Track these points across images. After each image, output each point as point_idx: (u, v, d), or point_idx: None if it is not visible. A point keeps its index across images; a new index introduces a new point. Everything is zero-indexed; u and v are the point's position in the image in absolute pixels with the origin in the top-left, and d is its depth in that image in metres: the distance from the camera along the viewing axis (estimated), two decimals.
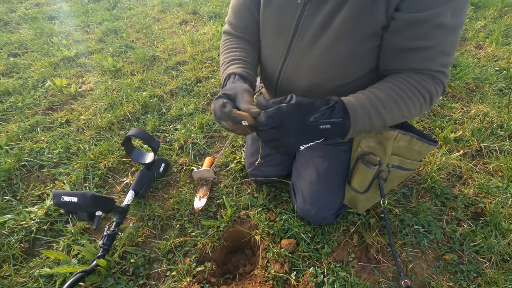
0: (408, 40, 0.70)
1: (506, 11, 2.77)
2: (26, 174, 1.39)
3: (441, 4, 0.64)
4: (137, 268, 1.05)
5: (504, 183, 1.32)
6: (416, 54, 0.72)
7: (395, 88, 0.74)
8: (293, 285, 1.00)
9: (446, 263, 1.08)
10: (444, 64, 0.73)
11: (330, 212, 1.09)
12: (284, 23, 0.84)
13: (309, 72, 0.85)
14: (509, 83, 1.90)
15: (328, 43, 0.78)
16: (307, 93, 0.89)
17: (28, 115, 1.71)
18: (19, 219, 1.18)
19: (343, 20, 0.73)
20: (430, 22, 0.66)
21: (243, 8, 0.95)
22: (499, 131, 1.56)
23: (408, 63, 0.74)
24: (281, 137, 0.71)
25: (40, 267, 1.04)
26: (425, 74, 0.74)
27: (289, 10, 0.82)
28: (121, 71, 2.07)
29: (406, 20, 0.68)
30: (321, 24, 0.77)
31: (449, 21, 0.66)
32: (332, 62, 0.81)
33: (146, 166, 1.31)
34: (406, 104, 0.74)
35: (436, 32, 0.67)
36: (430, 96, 0.75)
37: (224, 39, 1.02)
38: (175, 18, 2.83)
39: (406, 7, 0.66)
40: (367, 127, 0.75)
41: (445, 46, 0.70)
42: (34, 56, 2.23)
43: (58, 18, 2.83)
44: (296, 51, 0.85)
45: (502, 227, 1.15)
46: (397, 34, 0.71)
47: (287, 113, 0.68)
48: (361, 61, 0.81)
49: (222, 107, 0.73)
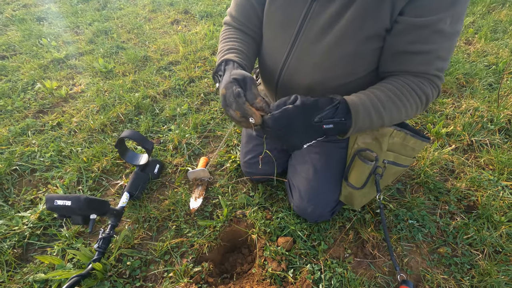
0: (408, 43, 0.73)
1: (494, 7, 2.81)
2: (18, 178, 1.37)
3: (442, 11, 0.67)
4: (133, 271, 1.05)
5: (495, 176, 1.34)
6: (415, 58, 0.74)
7: (394, 89, 0.76)
8: (291, 282, 1.00)
9: (440, 256, 1.10)
10: (440, 68, 0.76)
11: (326, 209, 1.09)
12: (289, 20, 0.84)
13: (312, 70, 0.86)
14: (498, 78, 1.93)
15: (333, 41, 0.79)
16: (309, 91, 0.90)
17: (18, 118, 1.68)
18: (12, 225, 1.16)
19: (350, 20, 0.74)
20: (430, 27, 0.69)
21: (245, 2, 0.95)
22: (490, 125, 1.59)
23: (406, 66, 0.77)
24: (287, 137, 0.74)
25: (35, 272, 1.03)
26: (422, 77, 0.77)
27: (295, 7, 0.82)
28: (112, 72, 2.05)
29: (409, 24, 0.70)
30: (327, 22, 0.78)
31: (448, 27, 0.69)
32: (335, 60, 0.82)
33: (141, 167, 1.30)
34: (404, 105, 0.76)
35: (435, 37, 0.70)
36: (427, 98, 0.78)
37: (224, 29, 1.02)
38: (166, 17, 2.80)
39: (409, 11, 0.69)
40: (367, 126, 0.77)
41: (442, 51, 0.73)
42: (22, 58, 2.19)
43: (47, 19, 2.78)
44: (300, 48, 0.85)
45: (494, 219, 1.17)
46: (398, 36, 0.74)
47: (294, 115, 0.71)
48: (364, 61, 0.82)
49: (236, 96, 0.71)
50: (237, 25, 0.98)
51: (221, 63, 0.86)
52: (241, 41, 0.95)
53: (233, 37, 0.95)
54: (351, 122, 0.74)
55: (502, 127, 1.59)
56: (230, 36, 0.96)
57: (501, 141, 1.52)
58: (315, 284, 0.99)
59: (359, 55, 0.80)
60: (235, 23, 0.99)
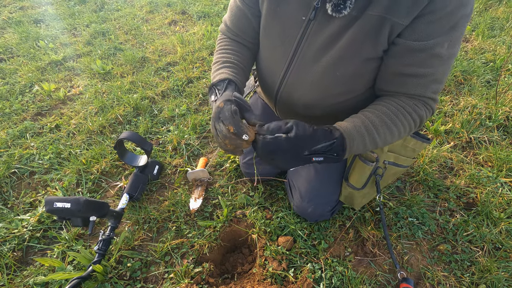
0: (405, 65, 0.72)
1: (491, 4, 2.82)
2: (17, 181, 1.36)
3: (440, 36, 0.66)
4: (134, 272, 1.04)
5: (494, 173, 1.35)
6: (411, 80, 0.74)
7: (389, 113, 0.75)
8: (292, 282, 1.00)
9: (441, 253, 1.10)
10: (435, 91, 0.76)
11: (326, 209, 1.09)
12: (287, 37, 0.83)
13: (311, 88, 0.85)
14: (496, 75, 1.94)
15: (331, 62, 0.78)
16: (307, 107, 0.89)
17: (16, 121, 1.67)
18: (11, 228, 1.15)
19: (348, 42, 0.73)
20: (427, 51, 0.68)
21: (239, 14, 0.93)
22: (488, 122, 1.60)
23: (402, 88, 0.76)
24: (274, 161, 0.72)
25: (35, 275, 1.02)
26: (417, 100, 0.77)
27: (292, 25, 0.80)
28: (110, 74, 2.04)
29: (406, 47, 0.70)
30: (325, 43, 0.77)
31: (445, 51, 0.69)
32: (334, 80, 0.81)
33: (140, 169, 1.29)
34: (398, 129, 0.76)
35: (432, 61, 0.70)
36: (421, 120, 0.78)
37: (220, 38, 1.01)
38: (164, 18, 2.80)
39: (408, 34, 0.68)
40: (360, 151, 0.76)
41: (438, 75, 0.73)
42: (20, 61, 2.18)
43: (44, 21, 2.77)
44: (298, 66, 0.84)
45: (493, 216, 1.18)
46: (395, 58, 0.73)
47: (283, 145, 0.68)
48: (363, 80, 0.82)
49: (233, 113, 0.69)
50: (232, 35, 0.97)
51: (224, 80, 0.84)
52: (237, 53, 0.94)
53: (229, 49, 0.94)
54: (345, 153, 0.73)
55: (500, 124, 1.59)
56: (227, 48, 0.95)
57: (499, 138, 1.52)
58: (316, 283, 0.99)
59: (358, 75, 0.80)
60: (230, 34, 0.97)
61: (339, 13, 0.69)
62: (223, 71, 0.87)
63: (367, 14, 0.68)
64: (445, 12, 0.64)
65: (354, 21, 0.70)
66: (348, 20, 0.71)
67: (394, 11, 0.66)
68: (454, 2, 0.63)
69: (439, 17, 0.64)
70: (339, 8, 0.69)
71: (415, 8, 0.64)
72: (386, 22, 0.67)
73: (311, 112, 0.91)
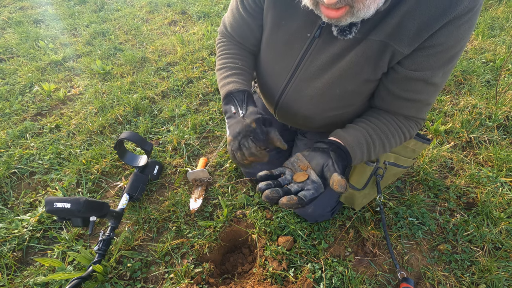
0: (402, 90, 0.76)
1: (490, 4, 2.82)
2: (17, 181, 1.36)
3: (437, 68, 0.70)
4: (134, 272, 1.04)
5: (494, 173, 1.35)
6: (408, 104, 0.79)
7: (388, 135, 0.80)
8: (292, 282, 1.00)
9: (441, 253, 1.10)
10: (426, 111, 0.83)
11: (327, 209, 1.10)
12: (290, 52, 0.83)
13: (310, 102, 0.86)
14: (495, 75, 1.94)
15: (331, 80, 0.79)
16: (307, 118, 0.91)
17: (16, 121, 1.67)
18: (11, 228, 1.15)
19: (349, 63, 0.75)
20: (425, 81, 0.72)
21: (241, 22, 0.91)
22: (488, 122, 1.60)
23: (398, 109, 0.81)
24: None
25: (35, 275, 1.02)
26: (412, 121, 0.83)
27: (296, 40, 0.81)
28: (110, 74, 2.04)
29: (405, 75, 0.73)
30: (327, 62, 0.78)
31: (439, 80, 0.74)
32: (333, 96, 0.83)
33: (140, 169, 1.29)
34: (390, 145, 0.82)
35: (428, 88, 0.75)
36: (410, 136, 0.85)
37: (220, 40, 1.00)
38: (163, 18, 2.80)
39: (408, 64, 0.71)
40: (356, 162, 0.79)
41: (431, 99, 0.79)
42: (20, 61, 2.18)
43: (44, 21, 2.77)
44: (299, 80, 0.85)
45: (494, 216, 1.18)
46: (393, 83, 0.77)
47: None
48: (361, 96, 0.84)
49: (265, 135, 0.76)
50: (233, 40, 0.96)
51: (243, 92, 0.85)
52: (242, 57, 0.94)
53: (233, 53, 0.94)
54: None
55: (500, 124, 1.59)
56: (231, 53, 0.94)
57: (499, 137, 1.52)
58: (316, 283, 0.99)
59: (357, 93, 0.82)
60: (231, 38, 0.96)
61: (344, 36, 0.71)
62: (235, 79, 0.87)
63: (370, 39, 0.70)
64: (445, 46, 0.66)
65: (357, 44, 0.72)
66: (352, 42, 0.72)
67: (397, 39, 0.67)
68: (454, 37, 0.65)
69: (439, 51, 0.67)
70: (345, 33, 0.70)
71: (416, 39, 0.66)
72: (388, 48, 0.69)
73: (310, 122, 0.94)
